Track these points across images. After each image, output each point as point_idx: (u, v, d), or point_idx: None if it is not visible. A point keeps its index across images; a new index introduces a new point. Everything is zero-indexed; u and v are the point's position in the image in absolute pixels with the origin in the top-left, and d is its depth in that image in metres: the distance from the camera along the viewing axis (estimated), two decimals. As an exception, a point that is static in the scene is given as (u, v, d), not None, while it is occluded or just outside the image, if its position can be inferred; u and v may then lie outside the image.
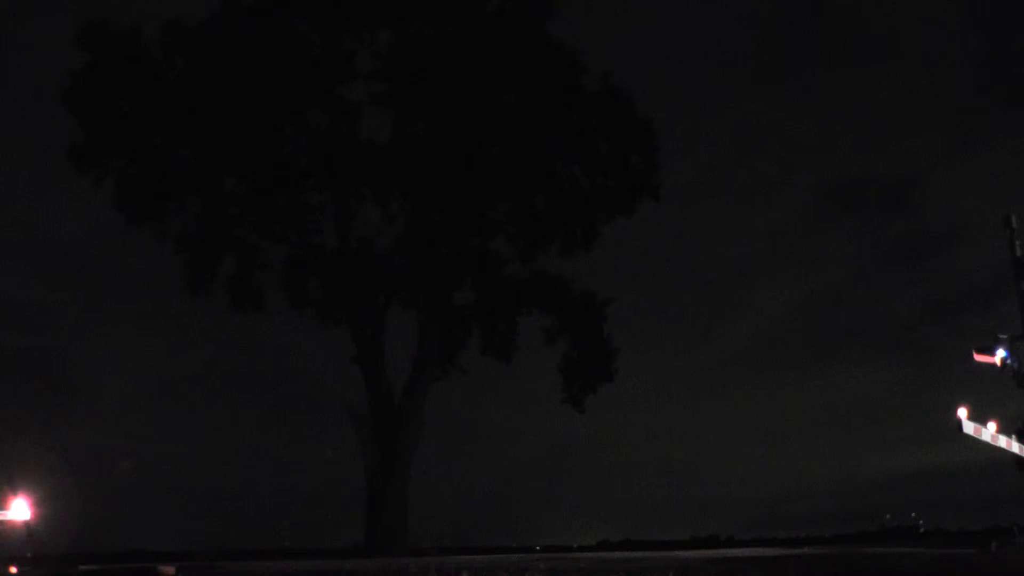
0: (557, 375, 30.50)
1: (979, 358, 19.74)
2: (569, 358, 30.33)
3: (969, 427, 18.67)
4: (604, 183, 29.34)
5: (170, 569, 16.33)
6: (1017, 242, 20.59)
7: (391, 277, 29.28)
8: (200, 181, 28.40)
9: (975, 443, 19.15)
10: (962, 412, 18.65)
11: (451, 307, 29.79)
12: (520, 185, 29.45)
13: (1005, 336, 19.85)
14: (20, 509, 21.12)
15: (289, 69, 27.81)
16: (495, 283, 30.01)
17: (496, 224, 29.49)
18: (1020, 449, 19.75)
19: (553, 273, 30.05)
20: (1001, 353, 19.20)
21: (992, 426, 19.35)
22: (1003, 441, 19.50)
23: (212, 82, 27.21)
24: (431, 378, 29.18)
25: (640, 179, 29.07)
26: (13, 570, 20.36)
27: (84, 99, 27.11)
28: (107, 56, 27.20)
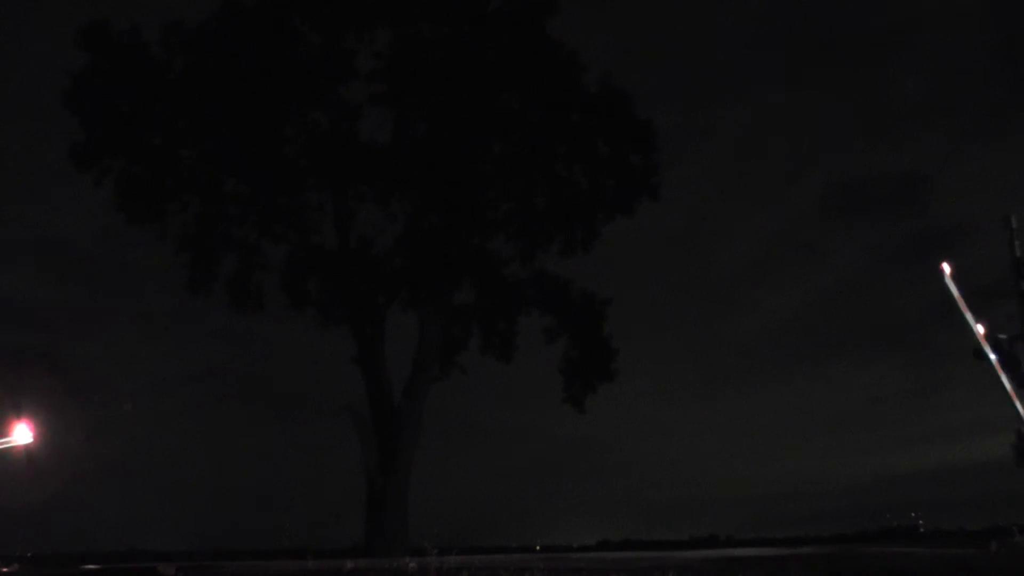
0: (557, 375, 30.51)
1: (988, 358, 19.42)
2: (569, 358, 30.29)
3: (953, 289, 17.40)
4: (604, 183, 29.33)
5: (170, 569, 16.38)
6: (1017, 242, 20.47)
7: (391, 277, 29.27)
8: (200, 181, 28.42)
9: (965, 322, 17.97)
10: (946, 267, 17.59)
11: (451, 307, 29.76)
12: (520, 185, 29.43)
13: (1005, 336, 19.69)
14: (23, 433, 20.50)
15: (289, 69, 27.83)
16: (495, 283, 29.98)
17: (496, 224, 29.46)
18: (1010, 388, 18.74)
19: (553, 273, 30.07)
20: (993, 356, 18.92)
21: (981, 328, 18.13)
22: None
23: (212, 82, 27.22)
24: (431, 378, 29.16)
25: (640, 179, 29.05)
26: (15, 568, 20.38)
27: (84, 99, 27.12)
28: (107, 56, 27.22)
